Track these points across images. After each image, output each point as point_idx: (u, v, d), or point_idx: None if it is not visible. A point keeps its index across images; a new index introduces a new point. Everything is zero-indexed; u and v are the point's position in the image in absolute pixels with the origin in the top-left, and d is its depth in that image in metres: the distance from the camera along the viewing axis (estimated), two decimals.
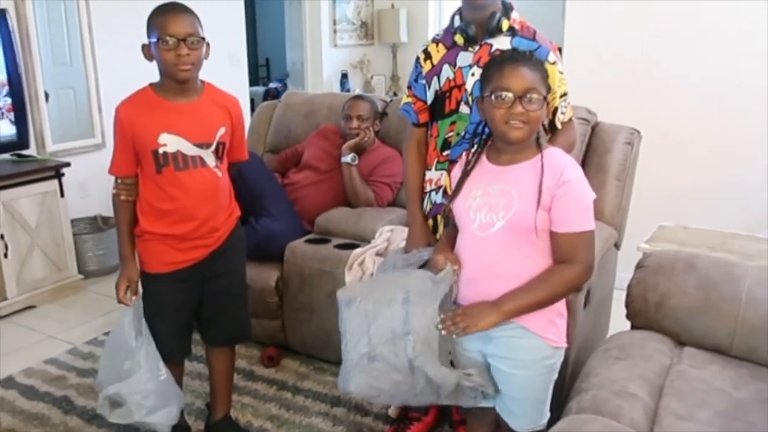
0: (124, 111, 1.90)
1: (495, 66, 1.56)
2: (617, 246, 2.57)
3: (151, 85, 1.93)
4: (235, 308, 2.17)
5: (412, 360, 1.56)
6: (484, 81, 1.59)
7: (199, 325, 2.16)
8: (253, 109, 4.88)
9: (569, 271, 1.54)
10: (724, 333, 1.85)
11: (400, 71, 6.02)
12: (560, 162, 1.55)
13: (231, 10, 4.71)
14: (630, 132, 2.58)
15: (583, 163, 2.52)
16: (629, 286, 2.03)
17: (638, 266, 2.05)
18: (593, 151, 2.56)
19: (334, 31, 5.66)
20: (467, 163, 1.69)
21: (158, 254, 1.98)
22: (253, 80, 6.25)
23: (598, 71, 3.46)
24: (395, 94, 5.83)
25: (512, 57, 1.56)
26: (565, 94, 1.88)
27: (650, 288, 1.96)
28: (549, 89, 1.59)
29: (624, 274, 2.29)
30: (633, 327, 2.04)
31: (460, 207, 1.64)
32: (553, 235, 1.54)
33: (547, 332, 1.59)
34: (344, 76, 5.81)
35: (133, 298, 2.00)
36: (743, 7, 3.10)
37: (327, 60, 5.68)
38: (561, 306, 1.63)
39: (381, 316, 1.59)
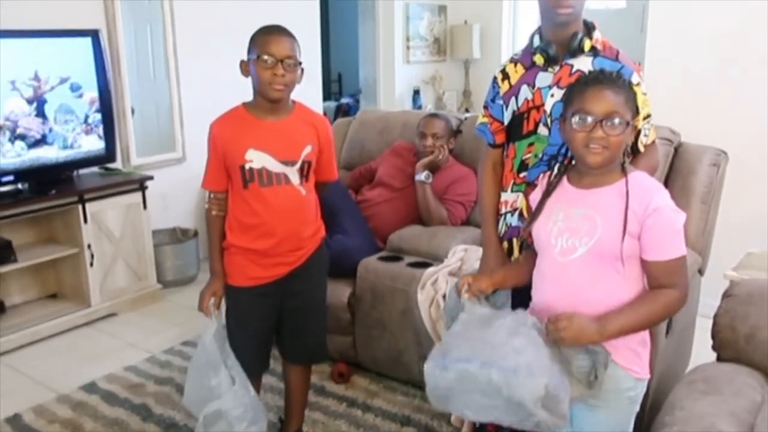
0: (217, 127, 1.98)
1: (579, 87, 1.52)
2: (701, 272, 2.46)
3: (243, 104, 2.00)
4: (312, 328, 2.18)
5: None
6: (566, 102, 1.55)
7: (278, 341, 2.20)
8: None
9: (670, 295, 1.49)
10: None
11: (472, 87, 6.01)
12: (647, 187, 1.50)
13: (307, 27, 4.81)
14: (716, 153, 2.48)
15: (666, 185, 2.43)
16: (716, 316, 1.93)
17: (726, 295, 1.95)
18: (677, 173, 2.47)
19: (407, 48, 5.70)
20: (549, 184, 1.65)
21: (241, 268, 2.03)
22: (326, 95, 6.34)
23: (682, 89, 3.34)
24: (467, 110, 5.81)
25: (597, 78, 1.52)
26: (648, 116, 1.82)
27: (740, 318, 1.87)
28: (636, 112, 1.54)
29: (708, 301, 2.19)
30: (719, 359, 1.94)
31: (540, 231, 1.60)
32: (646, 263, 1.50)
33: (631, 364, 1.53)
34: (416, 92, 5.84)
35: (215, 311, 2.04)
36: None
37: (399, 76, 5.73)
38: (645, 333, 1.57)
39: (477, 334, 1.52)
